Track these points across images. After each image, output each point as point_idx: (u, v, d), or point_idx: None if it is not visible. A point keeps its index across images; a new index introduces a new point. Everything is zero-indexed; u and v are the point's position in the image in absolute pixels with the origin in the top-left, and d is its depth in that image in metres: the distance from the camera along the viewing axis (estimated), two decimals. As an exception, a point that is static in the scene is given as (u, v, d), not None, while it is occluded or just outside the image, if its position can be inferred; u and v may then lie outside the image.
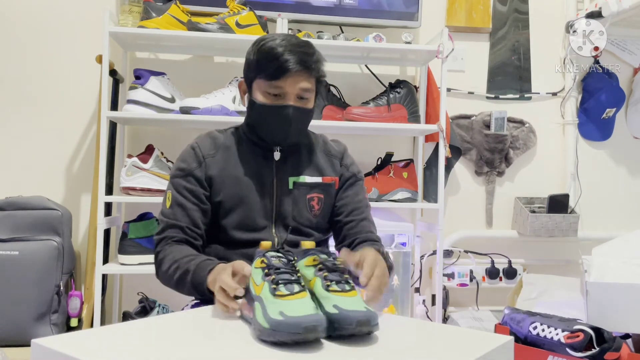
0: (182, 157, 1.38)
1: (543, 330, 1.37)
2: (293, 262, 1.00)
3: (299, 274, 0.96)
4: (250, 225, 1.35)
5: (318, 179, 1.40)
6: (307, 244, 1.07)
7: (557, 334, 1.35)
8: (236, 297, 1.02)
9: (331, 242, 1.52)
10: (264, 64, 1.28)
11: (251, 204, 1.34)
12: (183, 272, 1.23)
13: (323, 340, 0.88)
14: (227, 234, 1.35)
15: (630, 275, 1.54)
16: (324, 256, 1.01)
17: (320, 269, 0.98)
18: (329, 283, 0.95)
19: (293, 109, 1.30)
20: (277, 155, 1.38)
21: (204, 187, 1.35)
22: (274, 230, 1.37)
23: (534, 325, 1.39)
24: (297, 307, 0.87)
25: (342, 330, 0.87)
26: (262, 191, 1.36)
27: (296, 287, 0.92)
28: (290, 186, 1.37)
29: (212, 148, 1.37)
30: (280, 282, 0.93)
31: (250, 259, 1.30)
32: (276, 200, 1.36)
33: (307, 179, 1.39)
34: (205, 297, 1.19)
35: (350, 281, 0.97)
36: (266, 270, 0.96)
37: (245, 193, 1.34)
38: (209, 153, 1.36)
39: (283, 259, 0.99)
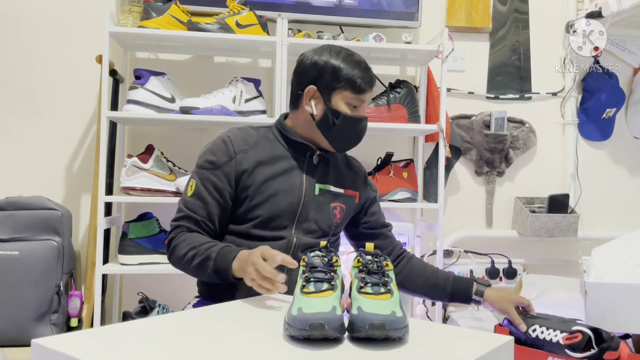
0: (212, 149, 1.37)
1: (542, 332, 1.37)
2: (334, 262, 1.01)
3: (333, 274, 0.96)
4: (272, 224, 1.36)
5: (340, 190, 1.44)
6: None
7: (555, 336, 1.34)
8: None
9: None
10: (357, 76, 1.34)
11: (278, 203, 1.35)
12: (203, 258, 1.24)
13: (347, 341, 0.88)
14: (248, 228, 1.36)
15: (630, 276, 1.54)
16: (368, 257, 1.01)
17: (360, 270, 0.98)
18: (362, 285, 0.94)
19: (367, 121, 1.44)
20: (315, 159, 1.41)
21: (230, 183, 1.35)
22: (293, 231, 1.37)
23: (532, 327, 1.39)
24: (314, 304, 0.88)
25: (356, 332, 0.87)
26: (290, 192, 1.37)
27: (324, 286, 0.92)
28: (317, 192, 1.40)
29: (245, 144, 1.37)
30: (311, 280, 0.94)
31: None
32: (303, 202, 1.38)
33: (332, 188, 1.43)
34: (226, 282, 1.22)
35: (391, 284, 0.95)
36: (304, 269, 0.99)
37: (274, 192, 1.35)
38: (241, 149, 1.36)
39: (325, 258, 1.01)
